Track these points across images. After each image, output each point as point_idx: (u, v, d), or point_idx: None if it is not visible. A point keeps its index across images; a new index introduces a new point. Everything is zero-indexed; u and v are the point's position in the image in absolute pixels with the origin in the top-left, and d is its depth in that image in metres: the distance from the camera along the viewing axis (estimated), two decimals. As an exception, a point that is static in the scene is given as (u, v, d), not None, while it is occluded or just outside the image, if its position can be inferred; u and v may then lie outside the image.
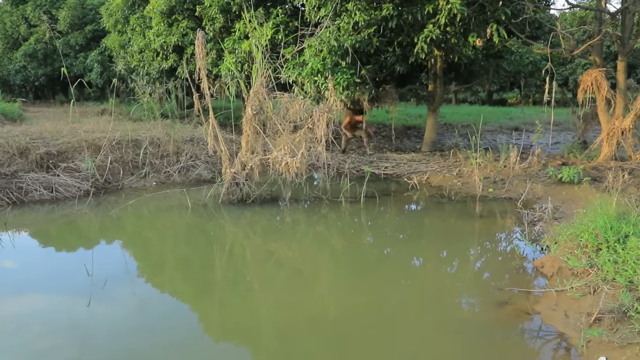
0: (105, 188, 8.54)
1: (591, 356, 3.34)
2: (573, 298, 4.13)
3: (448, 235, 6.24)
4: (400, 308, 4.32)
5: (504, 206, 7.56)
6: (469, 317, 4.11)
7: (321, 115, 7.00)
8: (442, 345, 3.67)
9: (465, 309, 4.32)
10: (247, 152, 7.40)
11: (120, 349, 3.54)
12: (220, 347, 3.68)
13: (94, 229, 6.74)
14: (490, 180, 8.75)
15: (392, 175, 9.80)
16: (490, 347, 3.61)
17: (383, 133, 15.36)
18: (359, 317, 4.08)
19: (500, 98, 30.74)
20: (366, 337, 3.75)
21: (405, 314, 4.19)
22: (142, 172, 9.11)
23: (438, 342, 3.70)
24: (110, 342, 3.63)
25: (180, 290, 4.72)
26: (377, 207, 7.52)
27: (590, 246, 4.70)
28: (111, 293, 4.57)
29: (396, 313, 4.21)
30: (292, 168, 6.92)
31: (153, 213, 7.53)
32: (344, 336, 3.77)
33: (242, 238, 6.49)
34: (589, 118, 12.61)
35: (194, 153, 9.81)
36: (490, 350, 3.57)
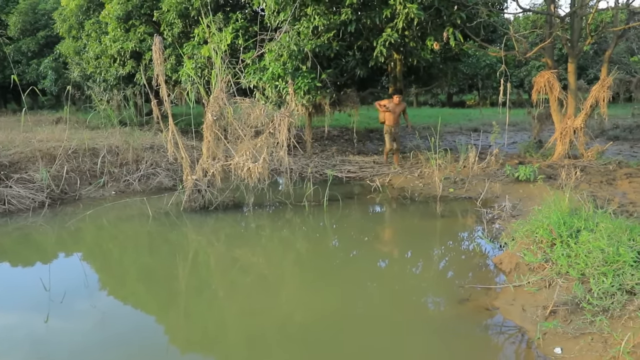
0: (61, 199, 8.29)
1: (547, 348, 3.46)
2: (530, 292, 4.26)
3: (411, 236, 6.34)
4: (366, 309, 4.35)
5: (464, 205, 7.73)
6: (432, 315, 4.19)
7: (282, 119, 7.00)
8: (408, 343, 3.72)
9: (428, 307, 4.40)
10: (209, 159, 7.33)
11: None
12: (187, 358, 3.62)
13: (50, 242, 6.53)
14: (451, 180, 8.94)
15: (355, 178, 9.88)
16: (452, 343, 3.68)
17: (345, 136, 15.49)
18: (326, 321, 4.09)
19: (459, 100, 31.45)
20: (334, 340, 3.77)
21: (372, 315, 4.23)
22: (100, 182, 8.89)
23: (404, 341, 3.75)
24: (71, 358, 3.52)
25: (143, 302, 4.62)
26: (340, 210, 7.57)
27: (545, 241, 4.86)
28: (70, 307, 4.43)
29: (363, 314, 4.23)
30: (254, 173, 6.89)
31: (113, 223, 7.34)
32: (313, 340, 3.78)
33: (206, 245, 6.42)
34: (543, 118, 13.05)
35: (154, 161, 9.63)
36: (452, 346, 3.64)
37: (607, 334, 3.36)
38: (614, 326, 3.41)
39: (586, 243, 4.39)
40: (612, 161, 9.79)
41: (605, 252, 4.11)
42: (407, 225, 6.91)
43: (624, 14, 10.98)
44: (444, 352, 3.58)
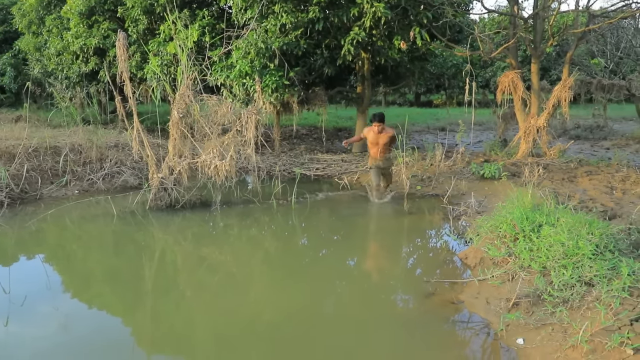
0: (21, 198, 8.01)
1: (510, 339, 3.53)
2: (494, 286, 4.35)
3: (379, 233, 6.39)
4: (334, 307, 4.36)
5: (431, 202, 7.84)
6: (399, 310, 4.23)
7: (250, 117, 6.95)
8: (375, 339, 3.74)
9: (395, 303, 4.44)
10: (175, 156, 7.22)
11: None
12: (153, 359, 3.55)
13: (9, 242, 6.30)
14: (418, 178, 9.05)
15: (323, 177, 9.89)
16: (419, 337, 3.72)
17: (314, 135, 15.50)
18: (295, 319, 4.08)
19: (427, 100, 31.86)
20: (302, 338, 3.76)
21: (340, 312, 4.24)
22: (62, 180, 8.64)
23: (371, 337, 3.77)
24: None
25: (108, 303, 4.47)
26: (308, 208, 7.56)
27: (508, 236, 4.97)
28: (32, 310, 4.25)
29: (331, 312, 4.25)
30: (221, 171, 6.82)
31: (76, 223, 7.15)
32: (281, 339, 3.75)
33: (173, 244, 6.31)
34: (508, 117, 13.36)
35: (119, 159, 9.42)
36: (419, 340, 3.68)
37: (567, 324, 3.45)
38: (573, 316, 3.50)
39: (547, 237, 4.50)
40: (573, 159, 10.09)
41: (566, 246, 4.22)
42: (375, 222, 6.96)
43: (584, 17, 11.34)
44: (411, 346, 3.61)
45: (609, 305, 3.42)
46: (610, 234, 4.47)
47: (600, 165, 9.55)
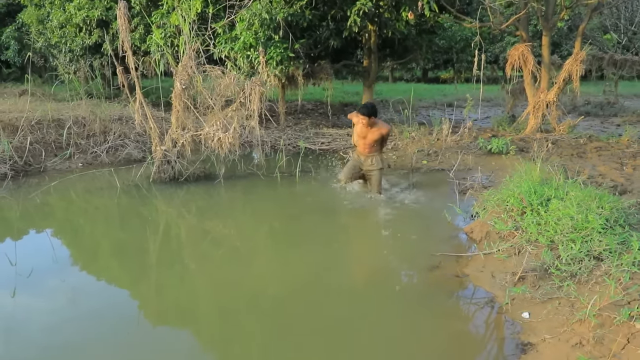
0: (25, 171, 7.99)
1: (515, 313, 3.47)
2: (499, 260, 4.27)
3: (383, 206, 6.30)
4: (339, 279, 4.29)
5: (437, 177, 7.73)
6: (403, 283, 4.17)
7: (254, 88, 6.83)
8: (379, 311, 3.70)
9: (399, 276, 4.38)
10: (178, 129, 7.13)
11: (52, 343, 3.26)
12: (159, 332, 3.51)
13: (14, 215, 6.28)
14: (424, 152, 8.93)
15: (328, 151, 9.79)
16: (422, 310, 3.67)
17: (320, 110, 15.33)
18: (299, 292, 4.03)
19: (434, 76, 31.44)
20: (306, 311, 3.71)
21: (344, 285, 4.18)
22: (66, 153, 8.59)
23: (375, 309, 3.73)
24: (40, 335, 3.34)
25: (113, 277, 4.40)
26: (312, 181, 7.48)
27: (515, 210, 4.88)
28: (39, 283, 4.22)
29: (335, 285, 4.18)
30: (224, 144, 6.74)
31: (80, 195, 7.12)
32: (285, 311, 3.71)
33: (177, 217, 6.27)
34: (517, 92, 13.12)
35: (122, 132, 9.34)
36: (422, 313, 3.63)
37: (574, 298, 3.38)
38: (581, 291, 3.43)
39: (556, 211, 4.41)
40: (583, 135, 9.92)
41: (575, 220, 4.13)
42: (380, 196, 6.85)
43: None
44: (414, 319, 3.57)
45: (619, 280, 3.34)
46: (621, 208, 4.37)
47: (611, 141, 9.38)
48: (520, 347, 3.09)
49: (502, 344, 3.21)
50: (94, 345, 3.24)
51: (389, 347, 3.20)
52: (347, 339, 3.31)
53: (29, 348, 3.18)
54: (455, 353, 3.14)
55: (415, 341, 3.26)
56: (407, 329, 3.42)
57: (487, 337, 3.33)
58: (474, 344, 3.27)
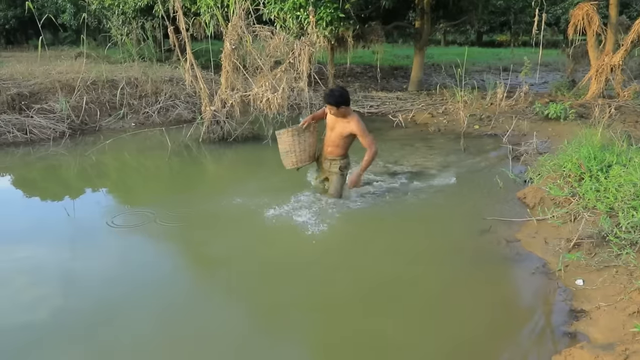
0: (81, 129, 8.29)
1: (568, 279, 3.34)
2: (553, 226, 4.11)
3: (433, 170, 6.16)
4: (388, 240, 4.24)
5: (489, 142, 7.48)
6: (453, 246, 4.07)
7: (303, 49, 6.74)
8: (426, 272, 3.65)
9: (449, 238, 4.27)
10: (227, 89, 7.16)
11: (108, 297, 3.35)
12: (206, 281, 3.60)
13: (72, 172, 6.54)
14: (477, 117, 8.64)
15: (376, 114, 9.63)
16: (472, 272, 3.59)
17: (369, 74, 15.04)
18: (345, 250, 4.02)
19: (489, 39, 30.16)
20: (355, 270, 3.71)
21: (393, 246, 4.12)
22: (119, 113, 8.85)
23: (422, 270, 3.68)
24: (97, 290, 3.43)
25: (165, 232, 4.43)
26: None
27: (573, 176, 4.66)
28: (95, 237, 4.35)
29: (385, 245, 4.13)
30: (273, 104, 6.71)
31: (133, 154, 7.34)
32: (340, 268, 3.71)
33: (226, 177, 6.36)
34: (579, 56, 12.38)
35: (173, 93, 9.51)
36: (472, 275, 3.55)
37: (634, 266, 3.22)
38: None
39: (617, 177, 4.18)
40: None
41: (638, 186, 3.90)
42: (429, 158, 6.70)
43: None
44: (464, 282, 3.49)
45: (684, 249, 3.15)
46: (689, 176, 4.08)
47: (681, 107, 8.76)
48: (573, 314, 2.98)
49: (553, 310, 3.10)
50: (149, 299, 3.33)
51: (439, 311, 3.16)
52: (398, 301, 3.29)
53: (86, 299, 3.31)
54: (505, 317, 3.06)
55: (465, 305, 3.20)
56: (456, 293, 3.36)
57: (538, 302, 3.23)
58: (525, 309, 3.17)
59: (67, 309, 3.18)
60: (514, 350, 2.75)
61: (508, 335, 2.88)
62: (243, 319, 3.11)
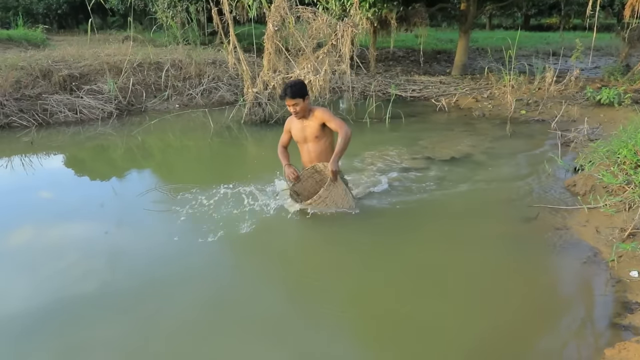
0: (128, 110, 8.50)
1: (622, 270, 3.20)
2: (606, 214, 3.94)
3: (476, 154, 6.02)
4: (430, 225, 4.18)
5: (536, 128, 7.24)
6: (497, 232, 3.97)
7: (346, 30, 6.66)
8: (471, 258, 3.57)
9: (494, 225, 4.16)
10: (269, 71, 7.17)
11: (155, 271, 3.45)
12: (250, 263, 3.62)
13: (119, 151, 6.71)
14: (523, 102, 8.37)
15: (419, 98, 9.46)
16: (518, 260, 3.49)
17: (411, 57, 14.78)
18: (397, 243, 3.97)
19: (537, 23, 29.08)
20: (403, 253, 3.68)
21: (436, 230, 4.05)
22: (164, 94, 9.01)
23: (467, 255, 3.60)
24: (143, 266, 3.52)
25: (205, 214, 4.41)
26: (402, 126, 7.29)
27: (628, 163, 4.45)
28: (141, 213, 4.45)
29: (428, 229, 4.07)
30: (315, 87, 6.68)
31: (177, 134, 7.48)
32: (383, 252, 3.69)
33: (266, 157, 6.38)
34: (635, 39, 11.77)
35: (216, 75, 9.61)
36: (518, 263, 3.45)
37: (694, 258, 3.06)
38: (702, 251, 3.09)
39: (677, 165, 3.96)
40: None
41: (699, 174, 3.69)
42: (473, 143, 6.54)
43: None
44: (509, 270, 3.40)
45: None
46: None
47: None
48: (627, 306, 2.85)
49: (606, 302, 2.98)
50: (196, 275, 3.38)
51: (484, 298, 3.09)
52: (441, 286, 3.24)
53: (133, 275, 3.40)
54: (554, 306, 2.96)
55: (511, 293, 3.12)
56: (502, 280, 3.28)
57: (589, 293, 3.11)
58: (575, 299, 3.07)
59: (115, 282, 3.27)
60: (564, 341, 2.66)
61: (558, 325, 2.79)
62: (287, 303, 3.13)
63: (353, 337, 2.79)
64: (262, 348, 2.65)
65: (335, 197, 3.99)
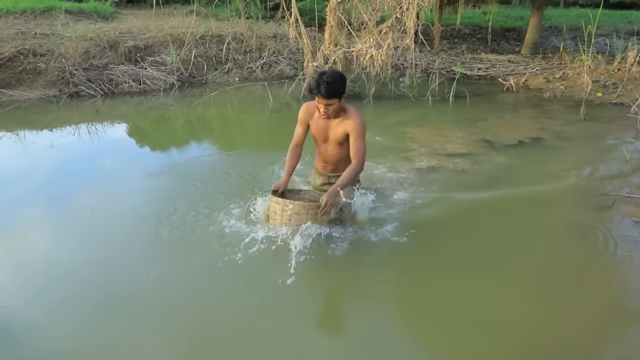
0: (189, 82, 8.61)
1: None
2: (694, 206, 3.58)
3: (546, 138, 5.65)
4: (498, 209, 3.95)
5: (613, 111, 6.73)
6: (568, 220, 3.70)
7: (411, 3, 6.38)
8: (541, 247, 3.34)
9: (564, 212, 3.88)
10: (330, 45, 7.01)
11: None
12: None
13: (179, 122, 6.80)
14: (600, 83, 7.79)
15: (485, 77, 9.03)
16: (589, 251, 3.23)
17: (478, 35, 14.14)
18: (454, 211, 3.79)
19: (618, 0, 27.10)
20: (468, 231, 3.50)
21: (505, 213, 3.83)
22: (225, 67, 9.06)
23: (538, 245, 3.37)
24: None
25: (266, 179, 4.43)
26: (467, 106, 6.96)
27: None
28: (201, 176, 4.47)
29: (496, 213, 3.86)
30: (377, 61, 6.48)
31: (235, 108, 7.51)
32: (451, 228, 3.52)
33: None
34: None
35: (276, 49, 9.56)
36: (589, 254, 3.20)
37: None
38: None
39: None
40: None
41: None
42: (543, 126, 6.15)
43: None
44: (578, 258, 3.16)
45: None
46: None
47: None
48: None
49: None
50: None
51: (550, 288, 2.88)
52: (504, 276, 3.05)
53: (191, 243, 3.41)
54: (629, 308, 2.72)
55: (579, 290, 2.88)
56: (570, 270, 3.04)
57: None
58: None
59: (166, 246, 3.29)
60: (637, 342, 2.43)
61: (631, 328, 2.55)
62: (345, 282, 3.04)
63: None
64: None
65: (308, 219, 3.10)
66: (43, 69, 7.94)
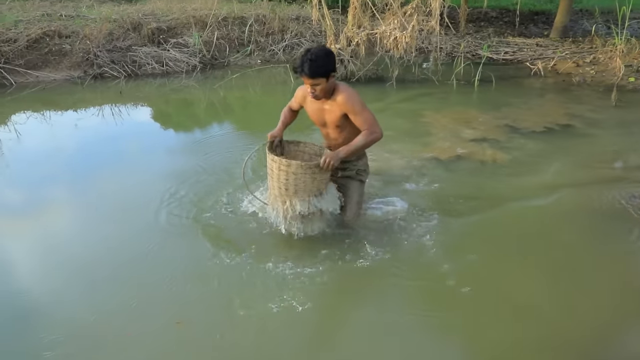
0: (211, 64, 8.59)
1: None
2: None
3: (575, 124, 5.48)
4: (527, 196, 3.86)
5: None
6: (599, 212, 3.58)
7: (438, -17, 6.22)
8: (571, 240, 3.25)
9: (595, 204, 3.74)
10: (354, 27, 6.90)
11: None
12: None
13: (202, 105, 6.82)
14: (633, 68, 7.53)
15: (512, 61, 8.80)
16: (622, 245, 3.14)
17: (505, 18, 13.77)
18: (492, 200, 3.72)
19: (652, -17, 26.16)
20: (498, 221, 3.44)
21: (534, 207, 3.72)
22: (247, 50, 9.01)
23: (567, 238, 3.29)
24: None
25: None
26: (492, 91, 6.80)
27: None
28: (221, 159, 4.50)
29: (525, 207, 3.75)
30: (401, 44, 6.36)
31: (257, 90, 7.48)
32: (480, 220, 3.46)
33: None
34: None
35: (299, 31, 9.46)
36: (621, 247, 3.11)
37: None
38: None
39: None
40: None
41: None
42: (572, 112, 5.96)
43: None
44: (611, 254, 3.07)
45: None
46: None
47: None
48: None
49: None
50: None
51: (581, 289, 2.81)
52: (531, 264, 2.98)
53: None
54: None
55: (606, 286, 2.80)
56: (598, 260, 2.96)
57: None
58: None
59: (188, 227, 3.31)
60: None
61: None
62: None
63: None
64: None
65: (308, 186, 2.87)
66: (68, 50, 8.00)
